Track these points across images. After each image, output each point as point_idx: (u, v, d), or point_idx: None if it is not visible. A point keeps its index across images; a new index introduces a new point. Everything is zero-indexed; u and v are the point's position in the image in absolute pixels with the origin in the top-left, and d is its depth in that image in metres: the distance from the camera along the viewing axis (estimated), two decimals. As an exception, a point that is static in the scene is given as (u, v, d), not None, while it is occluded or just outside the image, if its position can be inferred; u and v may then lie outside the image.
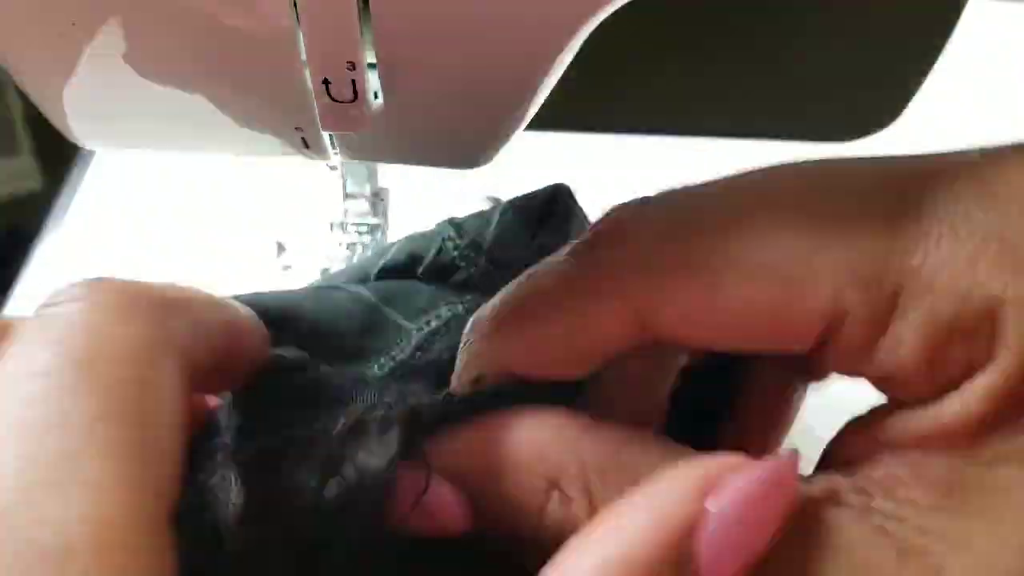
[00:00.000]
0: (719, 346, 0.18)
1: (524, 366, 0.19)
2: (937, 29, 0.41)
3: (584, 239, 0.20)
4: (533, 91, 0.24)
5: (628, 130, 0.55)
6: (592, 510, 0.17)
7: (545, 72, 0.23)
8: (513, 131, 0.28)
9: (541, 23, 0.21)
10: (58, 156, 0.52)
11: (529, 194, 0.27)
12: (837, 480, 0.17)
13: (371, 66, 0.22)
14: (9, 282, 0.45)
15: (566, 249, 0.20)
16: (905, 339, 0.16)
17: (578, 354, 0.19)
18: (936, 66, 0.49)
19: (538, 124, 0.28)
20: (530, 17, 0.21)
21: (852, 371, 0.18)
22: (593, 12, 0.21)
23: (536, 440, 0.19)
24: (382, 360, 0.24)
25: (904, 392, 0.17)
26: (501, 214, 0.27)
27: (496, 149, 0.29)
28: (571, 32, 0.21)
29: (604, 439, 0.18)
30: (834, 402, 0.21)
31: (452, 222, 0.27)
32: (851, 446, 0.18)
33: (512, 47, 0.22)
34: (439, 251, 0.27)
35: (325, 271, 0.42)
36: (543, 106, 0.26)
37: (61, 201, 0.50)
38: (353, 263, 0.30)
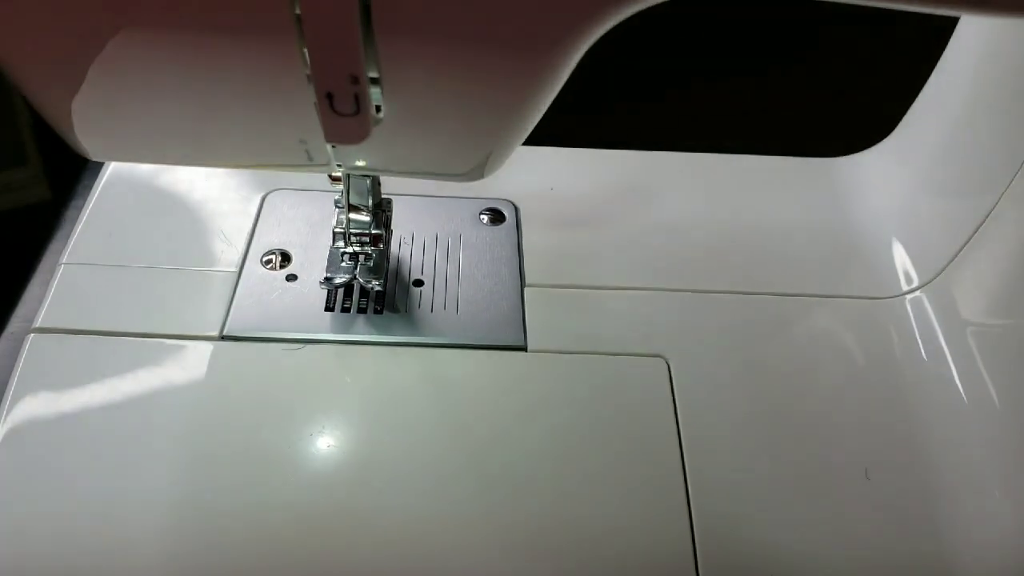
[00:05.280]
0: None
1: None
2: (929, 44, 0.42)
3: None
4: (533, 106, 0.25)
5: (624, 145, 0.55)
6: None
7: (544, 87, 0.24)
8: (514, 145, 0.28)
9: (540, 40, 0.21)
10: (66, 166, 0.52)
11: None
12: None
13: (373, 80, 0.22)
14: (18, 291, 0.46)
15: None
16: None
17: None
18: (929, 81, 0.50)
19: (537, 138, 0.28)
20: (528, 35, 0.21)
21: None
22: (590, 30, 0.21)
23: None
24: None
25: None
26: None
27: (497, 162, 0.30)
28: (570, 48, 0.22)
29: None
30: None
31: None
32: None
33: (512, 64, 0.22)
34: None
35: (328, 280, 0.43)
36: (541, 121, 0.26)
37: (69, 211, 0.50)
38: None
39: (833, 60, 0.60)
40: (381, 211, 0.43)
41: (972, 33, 0.45)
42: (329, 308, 0.44)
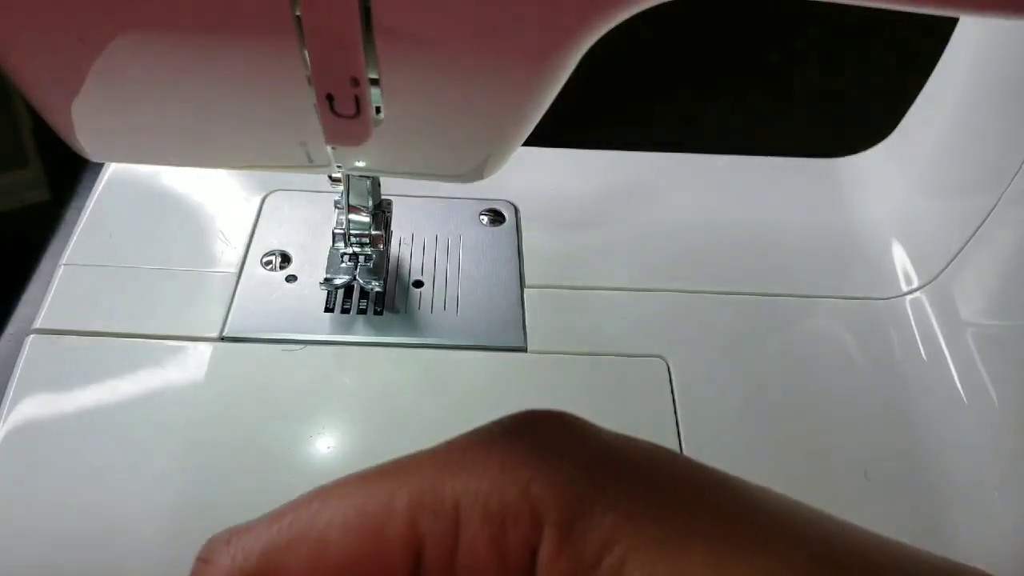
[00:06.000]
0: None
1: None
2: (928, 45, 0.42)
3: None
4: (532, 107, 0.25)
5: (624, 146, 0.55)
6: None
7: (544, 89, 0.24)
8: (513, 146, 0.28)
9: (539, 42, 0.21)
10: (66, 167, 0.52)
11: None
12: None
13: (373, 82, 0.22)
14: (18, 292, 0.46)
15: None
16: (474, 536, 0.18)
17: None
18: (928, 82, 0.50)
19: (537, 139, 0.28)
20: (528, 36, 0.21)
21: None
22: (591, 31, 0.21)
23: None
24: None
25: None
26: None
27: (497, 163, 0.30)
28: (570, 50, 0.22)
29: None
30: None
31: None
32: None
33: (511, 64, 0.22)
34: None
35: (328, 281, 0.43)
36: (542, 122, 0.26)
37: (69, 212, 0.50)
38: None
39: (832, 60, 0.60)
40: (381, 212, 0.44)
41: (971, 33, 0.45)
42: (329, 309, 0.44)
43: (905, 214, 0.50)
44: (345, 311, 0.44)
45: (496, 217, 0.50)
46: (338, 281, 0.43)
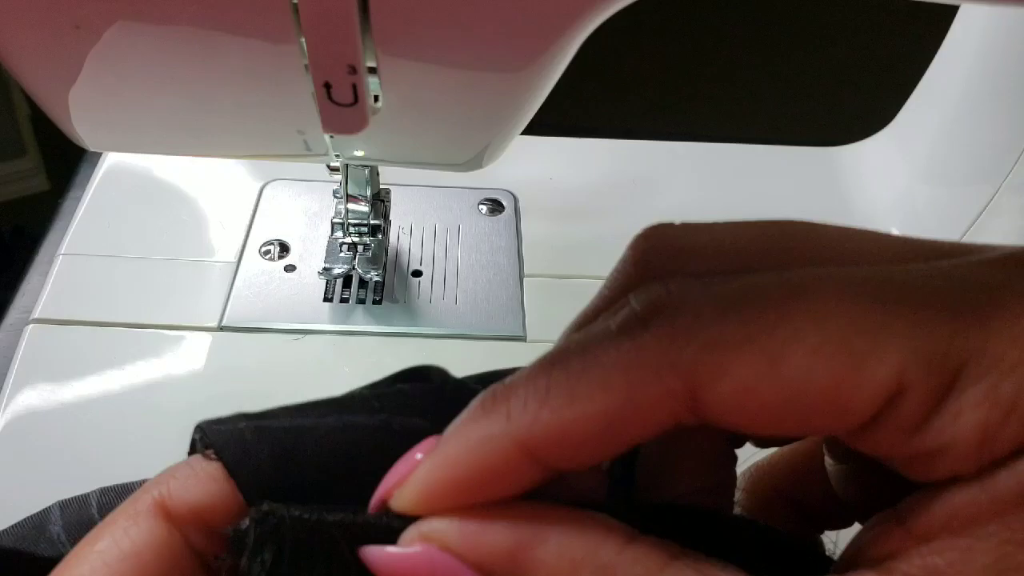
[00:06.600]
0: (767, 427, 0.17)
1: (554, 445, 0.17)
2: (929, 34, 0.42)
3: (633, 311, 0.18)
4: (531, 95, 0.25)
5: (623, 135, 0.55)
6: None
7: (542, 77, 0.23)
8: (512, 135, 0.28)
9: (537, 30, 0.21)
10: (64, 157, 0.52)
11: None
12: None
13: (371, 70, 0.22)
14: (15, 281, 0.46)
15: (614, 320, 0.18)
16: (962, 417, 0.16)
17: (618, 433, 0.17)
18: (928, 70, 0.49)
19: (535, 128, 0.28)
20: (526, 25, 0.21)
21: (893, 453, 0.17)
22: (589, 19, 0.21)
23: (568, 553, 0.17)
24: None
25: (940, 473, 0.16)
26: None
27: (496, 152, 0.30)
28: (567, 38, 0.22)
29: (645, 556, 0.17)
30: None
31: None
32: (881, 541, 0.17)
33: (509, 53, 0.22)
34: None
35: (326, 271, 0.43)
36: (541, 111, 0.26)
37: (67, 202, 0.50)
38: None
39: (832, 50, 0.60)
40: (380, 201, 0.43)
41: (971, 22, 0.45)
42: (328, 298, 0.44)
43: (905, 202, 0.49)
44: (344, 300, 0.44)
45: (495, 206, 0.50)
46: (337, 270, 0.43)
